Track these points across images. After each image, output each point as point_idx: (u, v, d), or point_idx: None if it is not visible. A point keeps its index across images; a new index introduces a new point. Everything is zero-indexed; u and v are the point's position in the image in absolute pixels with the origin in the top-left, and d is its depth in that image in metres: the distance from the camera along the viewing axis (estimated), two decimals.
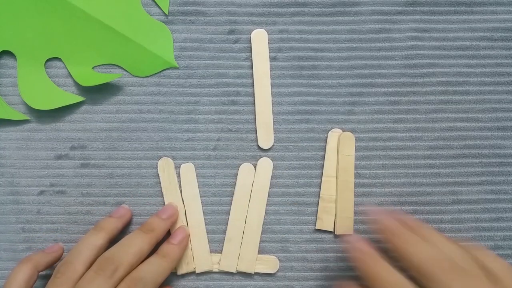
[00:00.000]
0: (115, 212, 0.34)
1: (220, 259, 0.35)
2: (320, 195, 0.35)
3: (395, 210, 0.35)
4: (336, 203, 0.35)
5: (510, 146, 0.36)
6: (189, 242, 0.35)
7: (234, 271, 0.35)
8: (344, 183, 0.35)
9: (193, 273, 0.35)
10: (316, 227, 0.35)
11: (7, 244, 0.35)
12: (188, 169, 0.35)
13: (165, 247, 0.33)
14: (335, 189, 0.35)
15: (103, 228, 0.32)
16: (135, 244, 0.31)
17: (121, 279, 0.29)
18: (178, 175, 0.35)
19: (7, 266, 0.35)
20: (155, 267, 0.31)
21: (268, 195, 0.35)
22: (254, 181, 0.35)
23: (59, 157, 0.35)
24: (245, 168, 0.35)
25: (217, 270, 0.35)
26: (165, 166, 0.35)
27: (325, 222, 0.35)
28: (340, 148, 0.35)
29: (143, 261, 0.31)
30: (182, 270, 0.35)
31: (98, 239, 0.31)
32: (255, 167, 0.35)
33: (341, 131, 0.35)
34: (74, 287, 0.29)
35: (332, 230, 0.35)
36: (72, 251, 0.31)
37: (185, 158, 0.35)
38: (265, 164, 0.35)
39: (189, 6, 0.36)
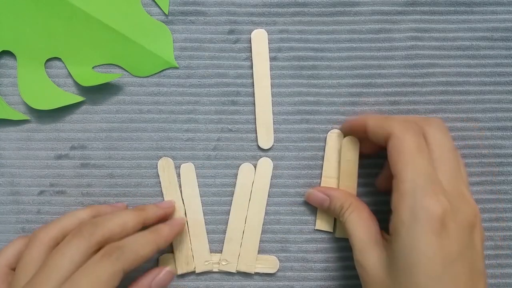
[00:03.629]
0: (112, 204, 0.34)
1: (220, 259, 0.35)
2: None
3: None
4: None
5: (510, 146, 0.35)
6: (189, 242, 0.35)
7: (234, 271, 0.35)
8: (346, 189, 0.34)
9: (193, 273, 0.35)
10: (316, 227, 0.35)
11: (7, 244, 0.35)
12: (188, 169, 0.35)
13: (157, 225, 0.32)
14: None
15: (92, 207, 0.32)
16: (120, 216, 0.30)
17: (99, 244, 0.28)
18: (178, 175, 0.35)
19: None
20: (138, 238, 0.30)
21: (268, 195, 0.35)
22: (254, 181, 0.35)
23: (59, 157, 0.35)
24: (245, 168, 0.35)
25: (217, 270, 0.35)
26: (165, 166, 0.35)
27: (325, 222, 0.35)
28: (342, 153, 0.35)
29: None
30: (182, 270, 0.35)
31: (82, 212, 0.31)
32: (255, 167, 0.35)
33: (339, 131, 0.35)
34: (53, 249, 0.29)
35: (332, 231, 0.35)
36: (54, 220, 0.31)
37: (185, 158, 0.35)
38: (265, 164, 0.35)
39: (189, 6, 0.36)
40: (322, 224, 0.35)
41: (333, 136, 0.35)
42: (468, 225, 0.27)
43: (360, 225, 0.30)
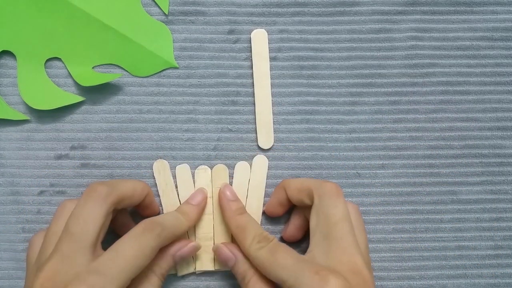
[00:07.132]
0: None
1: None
2: None
3: None
4: None
5: (510, 146, 0.36)
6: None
7: None
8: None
9: (193, 273, 0.35)
10: (197, 269, 0.34)
11: (7, 244, 0.35)
12: (184, 170, 0.35)
13: (183, 206, 0.33)
14: None
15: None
16: (129, 181, 0.32)
17: (114, 205, 0.29)
18: (174, 176, 0.35)
19: (7, 266, 0.35)
20: (174, 219, 0.31)
21: (268, 195, 0.35)
22: (250, 179, 0.35)
23: (59, 157, 0.35)
24: (241, 167, 0.35)
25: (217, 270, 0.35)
26: (160, 168, 0.35)
27: (205, 262, 0.34)
28: (213, 181, 0.34)
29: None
30: (182, 272, 0.34)
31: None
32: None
33: (208, 168, 0.35)
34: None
35: (213, 269, 0.34)
36: None
37: (185, 158, 0.35)
38: (260, 162, 0.35)
39: (189, 6, 0.36)
40: (202, 265, 0.34)
41: (200, 173, 0.35)
42: None
43: None
